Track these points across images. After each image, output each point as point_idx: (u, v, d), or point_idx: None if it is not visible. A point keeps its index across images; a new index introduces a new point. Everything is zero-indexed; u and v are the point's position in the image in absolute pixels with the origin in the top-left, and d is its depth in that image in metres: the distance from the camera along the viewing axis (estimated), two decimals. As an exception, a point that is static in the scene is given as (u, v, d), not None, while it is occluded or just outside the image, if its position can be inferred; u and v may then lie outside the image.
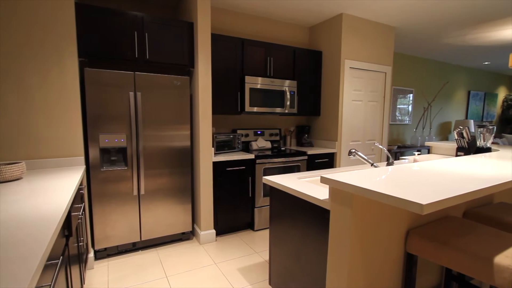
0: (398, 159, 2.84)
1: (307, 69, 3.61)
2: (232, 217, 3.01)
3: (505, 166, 1.58)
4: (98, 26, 2.33)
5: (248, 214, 3.09)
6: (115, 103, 2.38)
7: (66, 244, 1.29)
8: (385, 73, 3.87)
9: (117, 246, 2.54)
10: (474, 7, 3.22)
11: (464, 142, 2.47)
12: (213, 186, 2.86)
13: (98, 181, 2.38)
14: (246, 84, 3.07)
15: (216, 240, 2.89)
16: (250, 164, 3.03)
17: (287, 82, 3.37)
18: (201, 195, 2.77)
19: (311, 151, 3.36)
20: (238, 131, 3.43)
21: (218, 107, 3.04)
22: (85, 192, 2.28)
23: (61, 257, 1.09)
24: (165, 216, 2.69)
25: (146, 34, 2.50)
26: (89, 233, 2.37)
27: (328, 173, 1.36)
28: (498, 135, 7.27)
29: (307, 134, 3.81)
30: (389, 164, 1.94)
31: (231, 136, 3.20)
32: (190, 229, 2.85)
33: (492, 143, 4.24)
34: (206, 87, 2.70)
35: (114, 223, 2.47)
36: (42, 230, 0.93)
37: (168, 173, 2.67)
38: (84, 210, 2.25)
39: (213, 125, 3.38)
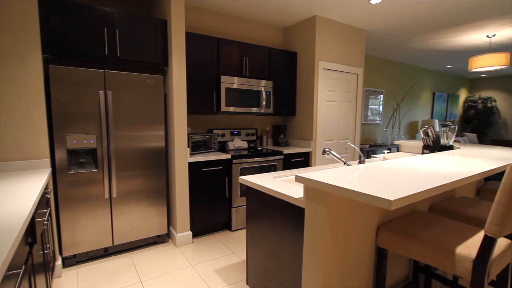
0: (370, 157, 2.96)
1: (282, 69, 3.66)
2: (209, 218, 2.98)
3: (466, 163, 1.69)
4: (65, 21, 2.21)
5: (225, 214, 3.08)
6: (84, 102, 2.27)
7: (30, 252, 1.21)
8: (357, 74, 4.01)
9: (87, 252, 2.42)
10: (437, 14, 3.42)
11: (429, 140, 2.62)
12: (189, 187, 2.82)
13: (65, 185, 2.26)
14: (222, 83, 3.06)
15: (192, 241, 2.85)
16: (226, 164, 3.02)
17: (263, 82, 3.39)
18: (176, 197, 2.71)
19: (287, 151, 3.41)
20: (214, 131, 3.40)
21: (194, 107, 3.00)
22: (51, 196, 2.15)
23: (24, 266, 1.02)
24: (139, 219, 2.61)
25: (117, 30, 2.41)
26: (56, 240, 2.24)
27: (303, 172, 1.39)
28: (460, 134, 7.78)
29: (283, 134, 3.86)
30: (360, 162, 2.01)
31: (207, 136, 3.17)
32: (166, 232, 2.79)
33: (454, 141, 4.53)
34: (181, 87, 2.66)
35: (84, 228, 2.36)
36: (2, 238, 0.86)
37: (141, 174, 2.59)
38: (50, 215, 2.12)
39: (188, 125, 3.33)
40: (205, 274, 2.25)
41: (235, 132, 3.57)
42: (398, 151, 3.19)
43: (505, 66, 4.06)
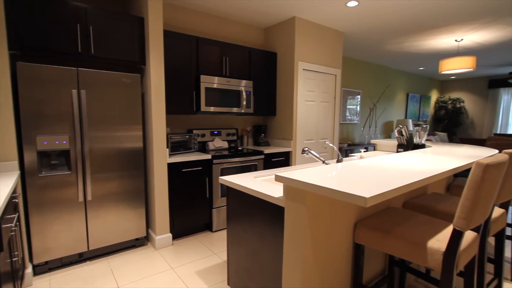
0: (348, 156, 3.04)
1: (262, 69, 3.67)
2: (189, 219, 2.94)
3: (437, 161, 1.78)
4: (34, 16, 2.09)
5: (206, 215, 3.05)
6: (55, 101, 2.17)
7: (-4, 261, 1.14)
8: (335, 75, 4.10)
9: (61, 259, 2.32)
10: (409, 19, 3.56)
11: (403, 139, 2.73)
12: (169, 188, 2.77)
13: (36, 188, 2.14)
14: (201, 83, 3.02)
15: (172, 244, 2.80)
16: (207, 165, 2.99)
17: (244, 82, 3.38)
18: (155, 198, 2.65)
19: (267, 150, 3.43)
20: (194, 131, 3.36)
21: (173, 107, 2.95)
22: (20, 200, 2.04)
23: (-11, 275, 0.96)
24: (116, 222, 2.53)
25: (91, 27, 2.31)
26: (26, 246, 2.12)
27: (283, 172, 1.40)
28: (431, 133, 8.16)
29: (263, 134, 3.88)
30: (338, 161, 2.06)
31: (187, 137, 3.12)
32: (145, 235, 2.72)
33: (426, 140, 4.76)
34: (159, 86, 2.60)
35: (57, 233, 2.25)
36: (-38, 247, 0.81)
37: (118, 176, 2.51)
38: (18, 221, 2.01)
39: (167, 125, 3.26)
40: (185, 276, 2.22)
41: (216, 132, 3.54)
42: (374, 150, 3.30)
43: (472, 69, 4.30)
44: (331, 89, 4.08)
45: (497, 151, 2.41)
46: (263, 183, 1.66)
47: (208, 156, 2.96)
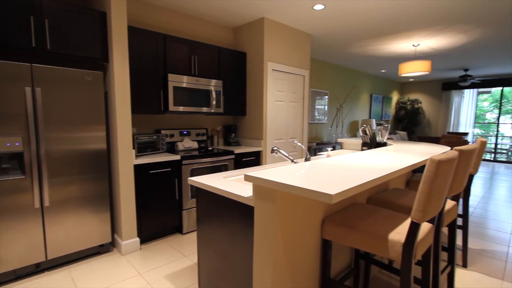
0: (316, 154, 3.13)
1: (232, 69, 3.66)
2: (158, 222, 2.85)
3: (397, 158, 1.89)
4: (-22, 6, 1.91)
5: (175, 217, 2.98)
6: (6, 100, 1.99)
7: None
8: (304, 76, 4.20)
9: (15, 271, 2.14)
10: (371, 23, 3.75)
11: (367, 138, 2.86)
12: (136, 191, 2.66)
13: (-17, 195, 1.95)
14: (169, 82, 2.94)
15: (140, 248, 2.70)
16: (176, 166, 2.92)
17: (213, 81, 3.35)
18: (121, 202, 2.54)
19: (238, 150, 3.43)
20: (162, 132, 3.27)
21: (139, 106, 2.84)
22: (-36, 209, 1.85)
23: None
24: (77, 228, 2.38)
25: (46, 20, 2.16)
26: (-28, 259, 1.93)
27: (253, 171, 1.41)
28: (393, 132, 8.67)
29: (234, 133, 3.87)
30: (306, 160, 2.12)
31: (155, 137, 3.02)
32: (110, 240, 2.59)
33: (388, 138, 5.04)
34: (124, 84, 2.49)
35: (9, 243, 2.07)
36: None
37: (80, 179, 2.37)
38: (-37, 231, 1.82)
39: (133, 125, 3.14)
40: (154, 281, 2.15)
41: (185, 132, 3.47)
42: (341, 148, 3.43)
43: (428, 72, 4.63)
44: (299, 89, 4.18)
45: (449, 148, 2.62)
46: (233, 183, 1.66)
47: (177, 157, 2.89)
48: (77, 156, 2.34)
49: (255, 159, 3.68)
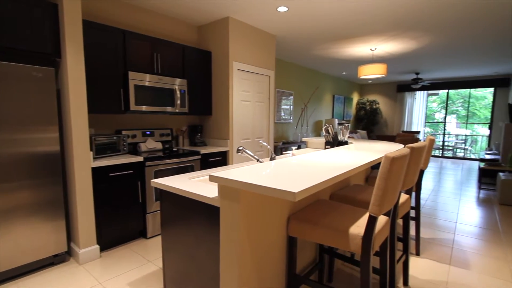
0: (282, 153, 3.19)
1: (197, 68, 3.60)
2: (120, 227, 2.71)
3: (357, 155, 1.99)
4: None
5: (139, 221, 2.85)
6: None
7: None
8: (269, 76, 4.26)
9: (-50, 289, 1.90)
10: (332, 27, 3.91)
11: (329, 137, 2.98)
12: (94, 195, 2.51)
13: None
14: (130, 80, 2.81)
15: (101, 256, 2.55)
16: (138, 167, 2.80)
17: (178, 80, 3.27)
18: (78, 208, 2.38)
19: (204, 151, 3.38)
20: (123, 132, 3.11)
21: (97, 105, 2.68)
22: None
23: None
24: (27, 238, 2.18)
25: (-13, 10, 1.95)
26: None
27: (218, 171, 1.40)
28: (353, 131, 9.12)
29: (200, 134, 3.81)
30: (271, 159, 2.15)
31: (115, 138, 2.87)
32: (65, 249, 2.41)
33: (349, 137, 5.28)
34: (78, 81, 2.33)
35: None
36: None
37: (30, 185, 2.17)
38: None
39: (91, 126, 2.95)
40: (116, 290, 2.04)
41: (148, 133, 3.34)
42: (306, 147, 3.53)
43: (384, 75, 4.94)
44: (265, 89, 4.22)
45: (403, 145, 2.82)
46: (198, 184, 1.63)
47: (140, 158, 2.77)
48: (27, 160, 2.15)
49: (222, 159, 3.65)
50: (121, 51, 2.81)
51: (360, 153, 2.15)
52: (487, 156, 6.08)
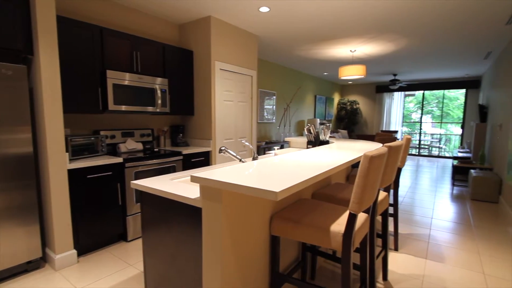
0: (265, 153, 3.21)
1: (178, 67, 3.54)
2: (99, 231, 2.63)
3: (338, 155, 2.03)
4: None
5: (119, 224, 2.78)
6: None
7: None
8: (252, 76, 4.27)
9: None
10: (313, 29, 3.97)
11: (311, 136, 3.02)
12: (71, 198, 2.41)
13: None
14: (108, 79, 2.73)
15: (78, 261, 2.46)
16: (118, 169, 2.72)
17: (158, 79, 3.20)
18: (53, 212, 2.28)
19: (186, 151, 3.33)
20: (102, 132, 3.02)
21: (73, 105, 2.58)
22: None
23: None
24: (-3, 245, 2.07)
25: (-50, 3, 1.83)
26: None
27: (200, 172, 1.39)
28: (335, 130, 9.29)
29: (182, 134, 3.75)
30: (254, 159, 2.16)
31: (93, 138, 2.78)
32: (40, 255, 2.31)
33: (330, 136, 5.38)
34: (53, 80, 2.24)
35: None
36: None
37: (0, 189, 2.06)
38: None
39: (67, 126, 2.84)
40: (94, 296, 1.98)
41: (128, 133, 3.25)
42: (289, 147, 3.56)
43: (363, 76, 5.07)
44: (247, 89, 4.23)
45: (381, 144, 2.90)
46: (180, 185, 1.61)
47: (119, 159, 2.70)
48: (-5, 162, 2.04)
49: (204, 160, 3.62)
50: (99, 49, 2.73)
51: (341, 152, 2.19)
52: (460, 154, 6.38)
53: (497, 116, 4.88)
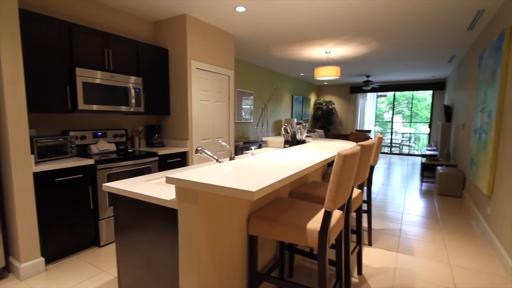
0: (243, 153, 3.21)
1: (153, 66, 3.45)
2: (70, 237, 2.50)
3: (313, 154, 2.07)
4: None
5: (91, 229, 2.66)
6: None
7: None
8: (229, 76, 4.25)
9: None
10: (289, 30, 4.02)
11: (288, 136, 3.06)
12: (38, 202, 2.28)
13: None
14: (77, 77, 2.61)
15: (46, 269, 2.33)
16: (89, 171, 2.60)
17: (132, 78, 3.10)
18: (17, 218, 2.14)
19: (162, 152, 3.26)
20: (71, 133, 2.87)
21: (39, 104, 2.44)
22: None
23: None
24: (-47, 256, 1.91)
25: None
26: None
27: (177, 172, 1.36)
28: (312, 130, 9.47)
29: (157, 134, 3.66)
30: (231, 159, 2.15)
31: (61, 140, 2.64)
32: (3, 265, 2.16)
33: (307, 136, 5.48)
34: (16, 77, 2.10)
35: None
36: None
37: (-46, 195, 1.90)
38: None
39: (32, 127, 2.67)
40: (64, 305, 1.88)
41: (100, 134, 3.12)
42: (266, 146, 3.59)
43: (338, 77, 5.21)
44: (225, 89, 4.20)
45: (355, 143, 3.00)
46: (155, 187, 1.57)
47: (91, 161, 2.58)
48: (-50, 166, 1.88)
49: (181, 160, 3.55)
50: (67, 46, 2.59)
51: (317, 151, 2.24)
52: (428, 152, 6.74)
53: (460, 116, 5.21)
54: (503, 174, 2.63)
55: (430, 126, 9.36)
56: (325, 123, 10.50)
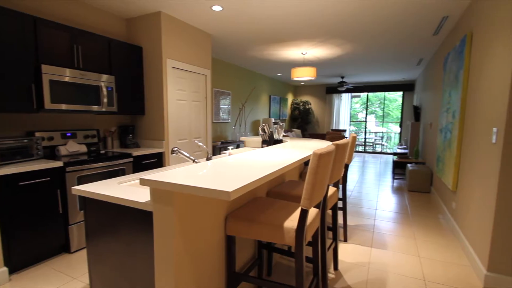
0: (221, 153, 3.18)
1: (127, 64, 3.34)
2: (37, 244, 2.36)
3: (290, 153, 2.10)
4: None
5: (60, 234, 2.52)
6: None
7: None
8: (205, 75, 4.20)
9: None
10: (265, 31, 4.05)
11: (266, 136, 3.08)
12: (-2, 209, 2.13)
13: None
14: (43, 74, 2.47)
15: (10, 279, 2.18)
16: (57, 174, 2.47)
17: (104, 76, 2.98)
18: (-24, 225, 1.99)
19: (137, 152, 3.16)
20: (37, 134, 2.71)
21: (0, 103, 2.28)
22: None
23: None
24: None
25: None
26: None
27: (152, 174, 1.32)
28: (289, 130, 9.60)
29: (131, 135, 3.55)
30: (208, 159, 2.13)
31: (26, 141, 2.49)
32: (-41, 277, 2.00)
33: (284, 136, 5.54)
34: (-25, 75, 1.95)
35: None
36: None
37: None
38: None
39: (-7, 128, 2.50)
40: (30, 316, 1.77)
41: (69, 134, 2.97)
42: (244, 146, 3.59)
43: (314, 78, 5.32)
44: (202, 88, 4.15)
45: (331, 143, 3.07)
46: (129, 189, 1.52)
47: (59, 163, 2.46)
48: None
49: (157, 161, 3.47)
50: (32, 41, 2.45)
51: (294, 150, 2.27)
52: (399, 150, 7.05)
53: (428, 116, 5.50)
54: (466, 170, 2.81)
55: (400, 126, 9.80)
56: (302, 123, 10.67)
